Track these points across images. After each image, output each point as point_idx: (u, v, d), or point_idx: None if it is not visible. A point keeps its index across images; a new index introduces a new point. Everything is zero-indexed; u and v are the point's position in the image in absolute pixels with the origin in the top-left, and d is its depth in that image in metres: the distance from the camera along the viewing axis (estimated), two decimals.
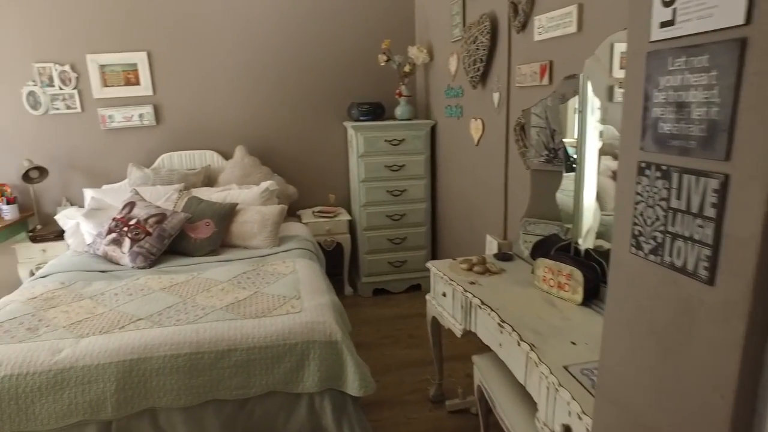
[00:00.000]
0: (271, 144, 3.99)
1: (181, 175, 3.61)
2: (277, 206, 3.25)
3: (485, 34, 2.63)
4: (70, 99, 3.63)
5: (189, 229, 3.07)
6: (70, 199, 3.82)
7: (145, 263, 2.87)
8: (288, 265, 2.77)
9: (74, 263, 2.91)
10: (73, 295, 2.49)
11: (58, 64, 3.58)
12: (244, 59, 3.81)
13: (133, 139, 3.78)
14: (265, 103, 3.92)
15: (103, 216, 3.15)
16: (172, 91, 3.76)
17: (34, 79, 3.59)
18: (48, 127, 3.70)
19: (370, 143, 3.64)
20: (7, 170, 3.71)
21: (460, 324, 2.05)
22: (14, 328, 2.18)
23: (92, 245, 3.03)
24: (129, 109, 3.68)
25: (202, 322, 2.15)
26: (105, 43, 3.59)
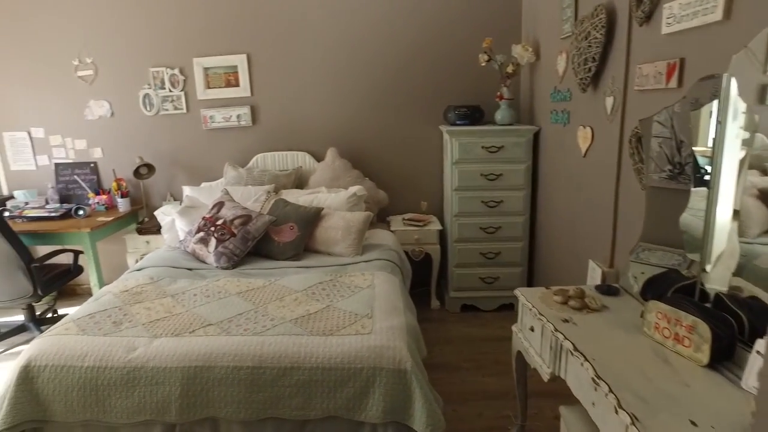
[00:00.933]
0: (364, 147, 3.90)
1: (272, 176, 3.64)
2: (363, 213, 3.13)
3: (599, 28, 2.27)
4: (177, 100, 3.82)
5: (273, 232, 3.05)
6: (174, 195, 4.03)
7: (229, 264, 2.89)
8: (366, 278, 2.62)
9: (165, 258, 3.02)
10: (157, 292, 2.56)
11: (169, 68, 3.78)
12: (340, 61, 3.75)
13: (231, 138, 3.89)
14: (359, 105, 3.83)
15: (196, 214, 3.25)
16: (269, 92, 3.80)
17: (149, 82, 3.82)
18: (157, 127, 3.93)
19: (465, 149, 3.39)
20: (124, 166, 3.99)
21: (548, 367, 1.76)
22: (103, 320, 2.26)
23: (183, 242, 3.12)
24: (228, 109, 3.79)
25: (268, 334, 2.07)
26: (209, 46, 3.73)
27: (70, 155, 4.08)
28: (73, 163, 4.08)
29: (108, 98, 3.92)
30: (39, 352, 2.08)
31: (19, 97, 4.01)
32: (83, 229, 3.38)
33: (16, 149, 4.12)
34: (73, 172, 4.09)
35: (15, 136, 4.10)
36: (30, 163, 4.14)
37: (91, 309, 2.38)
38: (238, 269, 2.88)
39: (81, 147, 4.05)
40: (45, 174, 4.14)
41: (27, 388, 2.05)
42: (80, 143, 4.04)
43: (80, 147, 4.05)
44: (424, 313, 3.68)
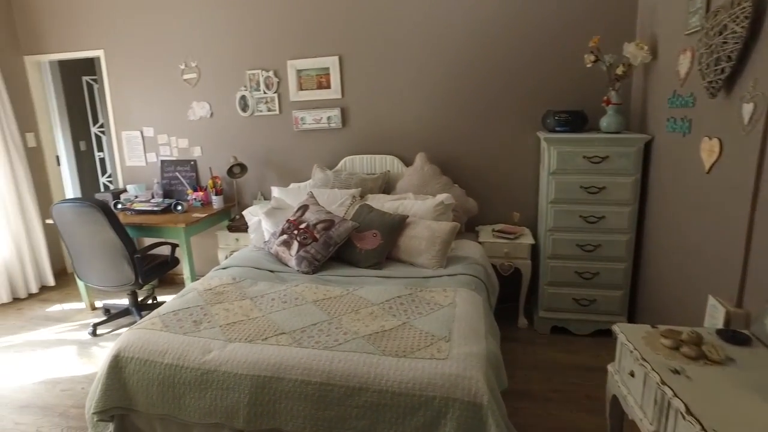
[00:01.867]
0: (454, 152, 3.72)
1: (359, 180, 3.58)
2: (450, 224, 2.96)
3: (741, 20, 1.91)
4: (271, 102, 3.91)
5: (356, 238, 2.98)
6: (264, 194, 4.13)
7: (309, 268, 2.86)
8: (448, 294, 2.46)
9: (250, 259, 3.07)
10: (238, 293, 2.59)
11: (264, 70, 3.87)
12: (433, 62, 3.61)
13: (320, 140, 3.90)
14: (451, 108, 3.66)
15: (281, 216, 3.27)
16: (359, 94, 3.76)
17: (246, 84, 3.94)
18: (252, 128, 4.04)
19: (564, 159, 3.09)
20: (220, 165, 4.16)
21: (651, 424, 1.49)
22: (185, 318, 2.32)
23: (267, 243, 3.16)
24: (319, 111, 3.80)
25: (340, 349, 1.98)
26: (303, 48, 3.76)
27: (174, 153, 4.34)
28: (176, 161, 4.33)
29: (208, 100, 4.10)
30: (127, 344, 2.18)
31: (135, 99, 4.33)
32: (179, 224, 3.55)
33: (130, 147, 4.46)
34: (176, 169, 4.34)
35: (130, 135, 4.43)
36: (141, 160, 4.45)
37: (176, 305, 2.45)
38: (318, 275, 2.85)
39: (183, 145, 4.29)
40: (152, 170, 4.44)
41: (116, 377, 2.15)
42: (183, 142, 4.28)
43: (183, 145, 4.29)
44: (510, 332, 3.43)
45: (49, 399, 2.90)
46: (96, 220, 3.28)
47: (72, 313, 4.08)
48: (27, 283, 4.44)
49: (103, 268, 3.52)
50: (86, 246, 3.46)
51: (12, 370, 3.24)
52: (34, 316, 4.04)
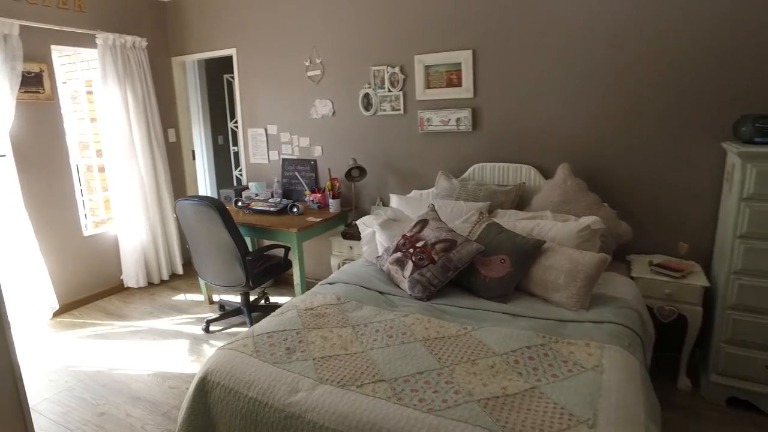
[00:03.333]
0: (605, 164, 3.06)
1: (488, 192, 3.10)
2: (597, 256, 2.36)
3: None
4: (395, 101, 3.57)
5: (480, 263, 2.52)
6: (383, 199, 3.82)
7: (423, 294, 2.47)
8: (592, 352, 1.89)
9: (359, 275, 2.76)
10: (340, 318, 2.28)
11: (390, 67, 3.54)
12: (584, 56, 2.97)
13: (447, 144, 3.47)
14: (604, 111, 3.00)
15: (397, 229, 2.92)
16: (494, 93, 3.25)
17: (370, 81, 3.66)
18: (374, 128, 3.75)
19: (766, 181, 2.32)
20: (339, 166, 3.94)
21: None
22: (278, 344, 2.06)
23: (380, 259, 2.82)
24: (447, 112, 3.37)
25: (448, 416, 1.55)
26: (433, 42, 3.35)
27: (295, 152, 4.22)
28: (297, 160, 4.21)
29: (331, 98, 3.90)
30: (215, 367, 1.97)
31: (261, 96, 4.29)
32: (291, 228, 3.37)
33: (256, 144, 4.45)
34: (296, 168, 4.22)
35: (255, 132, 4.42)
36: (264, 158, 4.42)
37: (272, 326, 2.21)
38: (433, 302, 2.44)
39: (304, 144, 4.14)
40: (274, 168, 4.38)
41: (202, 401, 1.96)
42: (304, 141, 4.14)
43: (304, 144, 4.15)
44: (666, 394, 2.72)
45: (158, 395, 2.88)
46: (211, 219, 3.22)
47: (192, 305, 4.16)
48: (160, 270, 4.66)
49: (217, 267, 3.47)
50: (203, 243, 3.44)
51: (135, 356, 3.33)
52: (162, 304, 4.19)
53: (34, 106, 3.78)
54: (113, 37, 4.09)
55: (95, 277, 4.32)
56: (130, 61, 4.24)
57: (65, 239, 4.08)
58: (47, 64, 3.82)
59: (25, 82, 3.65)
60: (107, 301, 4.31)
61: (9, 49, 3.53)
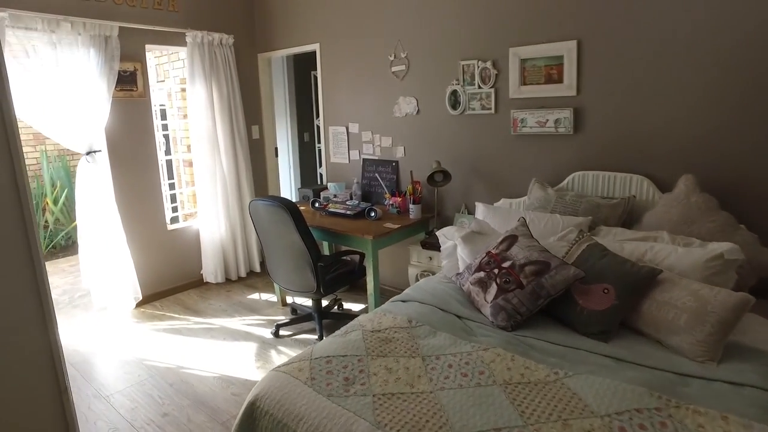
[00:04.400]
0: (741, 178, 2.50)
1: (590, 205, 2.66)
2: (735, 296, 1.87)
3: None
4: (486, 99, 3.22)
5: (578, 291, 2.12)
6: (468, 207, 3.49)
7: (507, 323, 2.12)
8: (735, 429, 1.45)
9: (435, 294, 2.46)
10: (409, 345, 2.00)
11: (481, 61, 3.19)
12: (715, 48, 2.43)
13: (543, 148, 3.06)
14: (742, 115, 2.44)
15: (482, 244, 2.58)
16: (601, 91, 2.79)
17: (458, 77, 3.33)
18: (461, 128, 3.42)
19: None
20: (422, 169, 3.66)
21: None
22: (336, 371, 1.83)
23: (460, 276, 2.50)
24: (544, 112, 2.96)
25: None
26: (531, 32, 2.95)
27: (377, 152, 4.00)
28: (378, 161, 3.99)
29: (416, 95, 3.62)
30: (266, 392, 1.78)
31: (343, 93, 4.12)
32: (367, 235, 3.15)
33: (336, 143, 4.29)
34: (376, 169, 4.00)
35: (336, 130, 4.26)
36: (344, 157, 4.25)
37: (333, 349, 1.98)
38: (518, 333, 2.08)
39: (386, 144, 3.91)
40: (354, 168, 4.19)
41: (249, 428, 1.78)
42: (386, 140, 3.90)
43: (386, 144, 3.91)
44: None
45: (220, 401, 2.79)
46: (283, 220, 3.08)
47: (265, 305, 4.09)
48: (238, 267, 4.67)
49: (288, 271, 3.34)
50: (275, 245, 3.32)
51: (204, 355, 3.30)
52: (236, 302, 4.16)
53: (128, 103, 3.89)
54: (202, 35, 4.11)
55: (177, 270, 4.40)
56: (217, 58, 4.25)
57: (150, 232, 4.17)
58: (141, 63, 3.91)
59: (120, 81, 3.76)
60: (186, 295, 4.37)
61: (109, 50, 3.64)
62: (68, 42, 3.46)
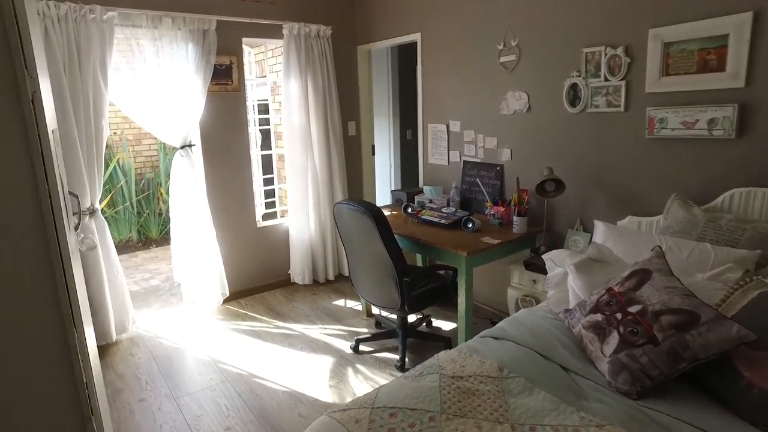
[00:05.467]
0: None
1: (759, 235, 2.01)
2: None
3: None
4: (614, 93, 2.63)
5: (744, 359, 1.53)
6: (585, 224, 2.93)
7: (631, 388, 1.60)
8: None
9: (537, 331, 1.99)
10: (497, 405, 1.57)
11: (609, 47, 2.61)
12: None
13: (690, 156, 2.41)
14: None
15: (600, 274, 2.05)
16: None
17: (580, 67, 2.78)
18: (581, 129, 2.86)
19: None
20: (530, 176, 3.16)
21: None
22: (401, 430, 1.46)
23: (569, 314, 2.00)
24: (694, 110, 2.31)
25: None
26: (681, 6, 2.31)
27: (479, 154, 3.55)
28: (480, 164, 3.54)
29: (527, 89, 3.11)
30: None
31: (444, 87, 3.72)
32: (461, 250, 2.72)
33: (435, 142, 3.91)
34: (478, 173, 3.55)
35: (436, 129, 3.87)
36: (443, 158, 3.86)
37: (401, 397, 1.60)
38: (646, 404, 1.56)
39: (490, 146, 3.44)
40: (453, 171, 3.78)
41: None
42: (490, 141, 3.44)
43: (490, 146, 3.45)
44: None
45: (286, 421, 2.56)
46: (367, 228, 2.77)
47: (349, 314, 3.84)
48: (326, 270, 4.48)
49: (371, 282, 3.04)
50: (358, 253, 3.03)
51: (279, 364, 3.13)
52: (320, 308, 3.96)
53: (222, 97, 3.83)
54: (298, 27, 3.94)
55: (265, 268, 4.31)
56: (313, 50, 4.06)
57: (240, 229, 4.11)
58: (237, 56, 3.83)
59: (215, 74, 3.70)
60: (272, 295, 4.27)
61: (206, 44, 3.59)
62: (169, 38, 3.45)
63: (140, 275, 5.28)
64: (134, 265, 5.70)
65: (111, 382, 2.98)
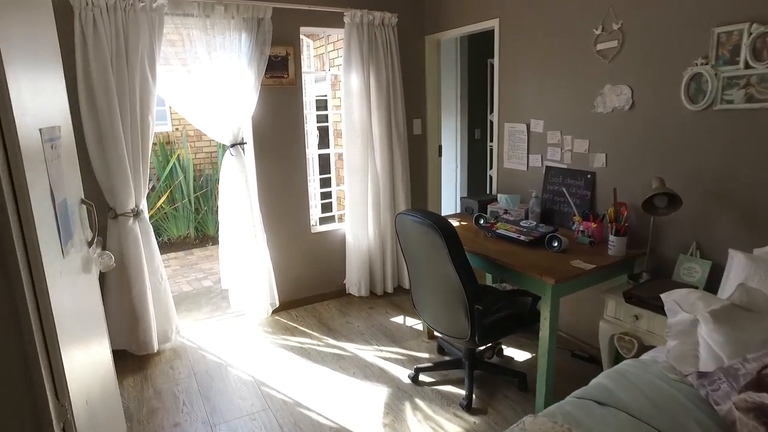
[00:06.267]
0: None
1: None
2: None
3: None
4: (758, 85, 2.04)
5: None
6: (703, 249, 2.36)
7: None
8: None
9: (660, 399, 1.49)
10: None
11: (757, 23, 2.03)
12: None
13: None
14: None
15: (754, 329, 1.52)
16: None
17: (707, 53, 2.21)
18: (703, 130, 2.30)
19: None
20: (631, 187, 2.62)
21: None
22: None
23: (707, 381, 1.49)
24: None
25: None
26: None
27: (566, 159, 3.03)
28: (566, 170, 3.02)
29: (630, 82, 2.57)
30: None
31: (526, 80, 3.23)
32: (548, 277, 2.24)
33: (512, 144, 3.42)
34: (564, 181, 3.03)
35: (514, 129, 3.38)
36: (521, 162, 3.36)
37: None
38: None
39: (580, 149, 2.92)
40: (533, 178, 3.28)
41: None
42: (581, 144, 2.91)
43: (579, 149, 2.93)
44: None
45: None
46: (435, 245, 2.35)
47: (408, 334, 3.43)
48: (385, 281, 4.09)
49: (436, 306, 2.62)
50: (422, 271, 2.62)
51: (327, 392, 2.78)
52: (377, 324, 3.58)
53: (277, 91, 3.53)
54: (361, 14, 3.56)
55: (318, 278, 3.99)
56: (377, 40, 3.67)
57: (293, 234, 3.80)
58: (293, 47, 3.51)
59: (270, 67, 3.40)
60: (325, 306, 3.93)
61: (261, 34, 3.29)
62: (221, 27, 3.17)
63: (194, 275, 5.15)
64: (189, 264, 5.59)
65: (148, 400, 2.74)
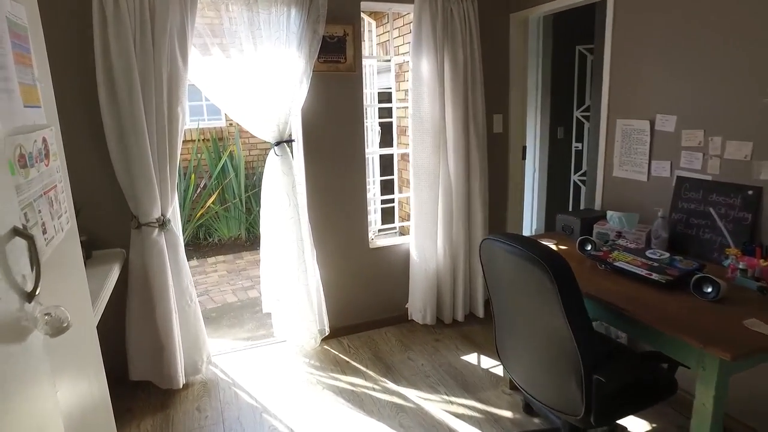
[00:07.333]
0: None
1: None
2: None
3: None
4: None
5: None
6: None
7: None
8: None
9: None
10: None
11: None
12: None
13: None
14: None
15: None
16: None
17: None
18: None
19: None
20: None
21: None
22: None
23: None
24: None
25: None
26: None
27: (710, 167, 2.25)
28: (712, 183, 2.24)
29: None
30: None
31: (649, 66, 2.46)
32: (713, 349, 1.50)
33: (626, 146, 2.66)
34: (707, 197, 2.25)
35: (629, 127, 2.62)
36: (640, 171, 2.60)
37: None
38: None
39: (737, 155, 2.13)
40: (657, 192, 2.51)
41: None
42: (737, 148, 2.12)
43: (735, 155, 2.14)
44: None
45: None
46: (541, 289, 1.67)
47: (484, 381, 2.76)
48: (455, 308, 3.43)
49: (532, 366, 1.94)
50: (515, 318, 1.94)
51: None
52: (444, 364, 2.93)
53: (332, 78, 2.94)
54: None
55: (376, 300, 3.38)
56: (453, 16, 3.00)
57: (347, 249, 3.22)
58: (353, 26, 2.91)
59: (324, 49, 2.82)
60: (382, 335, 3.32)
61: (314, 9, 2.72)
62: (266, 1, 2.62)
63: (241, 282, 4.72)
64: (237, 269, 5.18)
65: None
